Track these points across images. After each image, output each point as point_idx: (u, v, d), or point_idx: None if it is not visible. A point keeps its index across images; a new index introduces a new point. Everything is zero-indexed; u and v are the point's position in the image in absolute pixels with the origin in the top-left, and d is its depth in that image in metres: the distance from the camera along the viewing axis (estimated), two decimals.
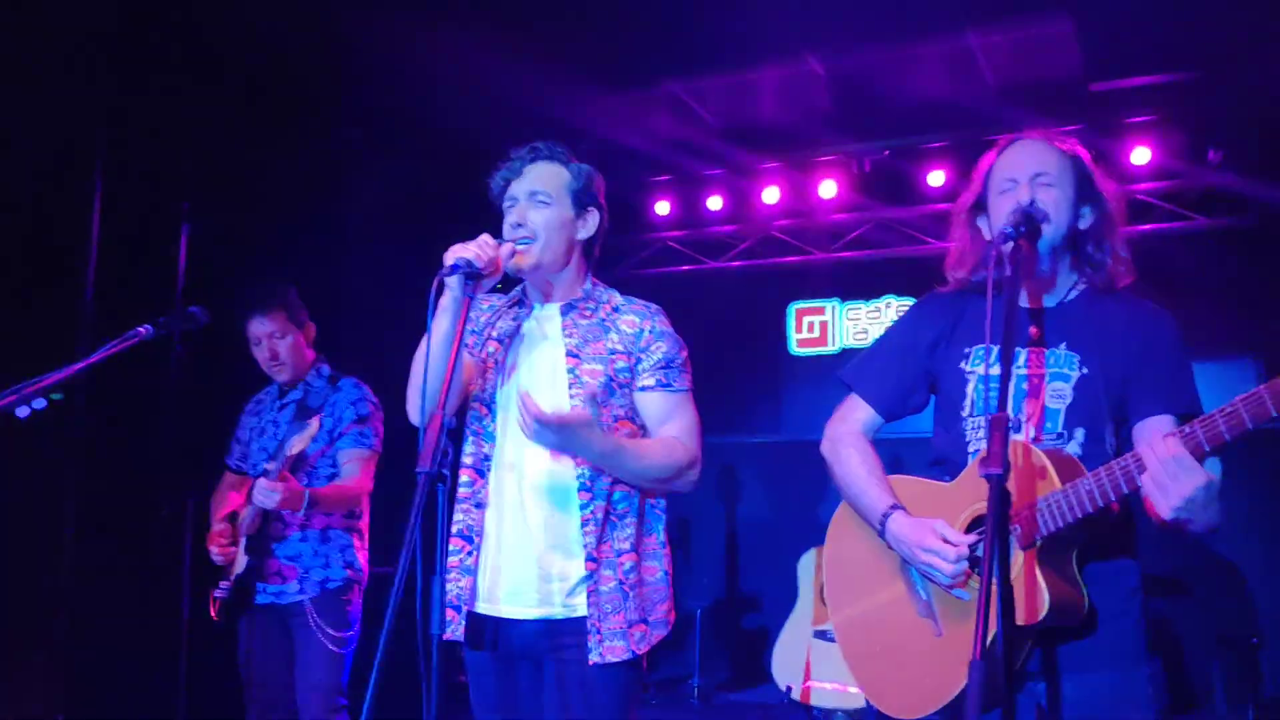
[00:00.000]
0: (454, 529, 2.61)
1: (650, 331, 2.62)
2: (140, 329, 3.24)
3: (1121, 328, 2.32)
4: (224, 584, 3.85)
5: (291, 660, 3.83)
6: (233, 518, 3.93)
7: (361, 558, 3.96)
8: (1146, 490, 1.97)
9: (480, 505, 2.59)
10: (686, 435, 2.62)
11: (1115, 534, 2.27)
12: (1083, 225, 2.38)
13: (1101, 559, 2.24)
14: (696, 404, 2.69)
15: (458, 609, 2.55)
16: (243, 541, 3.82)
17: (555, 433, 2.39)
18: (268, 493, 3.53)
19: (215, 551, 3.86)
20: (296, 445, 3.63)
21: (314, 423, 3.67)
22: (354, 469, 3.87)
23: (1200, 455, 1.94)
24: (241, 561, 3.81)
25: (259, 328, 3.93)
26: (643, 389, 2.62)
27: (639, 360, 2.61)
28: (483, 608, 2.57)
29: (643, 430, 2.65)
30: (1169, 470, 1.93)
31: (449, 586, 2.56)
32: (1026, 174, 2.36)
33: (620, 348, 2.60)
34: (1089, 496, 2.06)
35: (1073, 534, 2.12)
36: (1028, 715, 2.26)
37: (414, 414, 2.51)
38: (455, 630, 2.55)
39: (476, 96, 6.00)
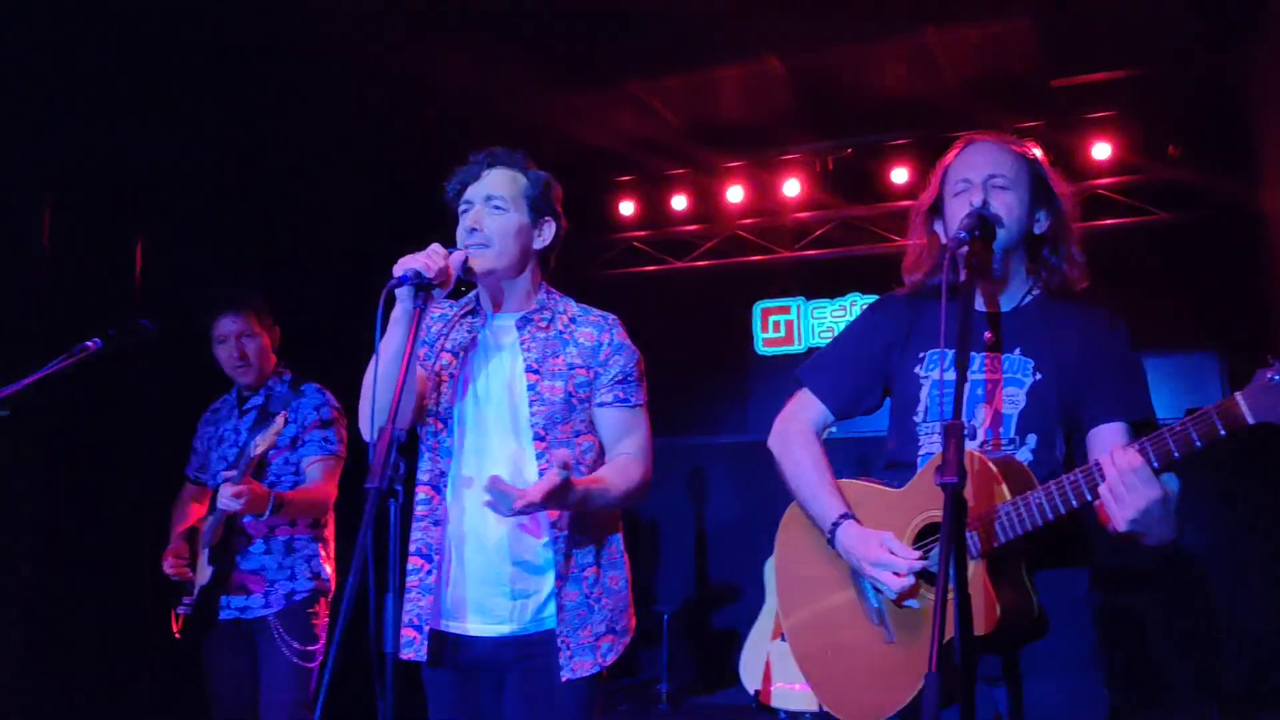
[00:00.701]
0: (412, 547, 2.57)
1: (609, 345, 2.60)
2: (88, 343, 3.17)
3: (1076, 334, 2.31)
4: (187, 600, 3.74)
5: (256, 676, 3.73)
6: (191, 533, 3.84)
7: (328, 567, 3.87)
8: (1104, 500, 1.95)
9: (438, 523, 2.55)
10: (640, 451, 2.62)
11: (1066, 541, 2.25)
12: (1038, 229, 2.36)
13: (1053, 566, 2.23)
14: (661, 406, 2.68)
15: (419, 629, 2.52)
16: (205, 553, 3.71)
17: (539, 508, 2.35)
18: (232, 496, 3.41)
19: (169, 568, 3.75)
20: (261, 445, 3.53)
21: (279, 420, 3.57)
22: (318, 474, 3.78)
23: (1155, 470, 1.92)
24: (205, 573, 3.71)
25: (228, 326, 3.83)
26: (600, 405, 2.60)
27: (598, 375, 2.58)
28: (446, 625, 2.54)
29: (600, 444, 2.64)
30: (1127, 481, 1.91)
31: (410, 606, 2.53)
32: (980, 175, 2.33)
33: (579, 361, 2.57)
34: (1039, 510, 2.05)
35: (1023, 544, 2.10)
36: (983, 714, 2.24)
37: (366, 431, 2.43)
38: (419, 650, 2.51)
39: (437, 98, 5.96)
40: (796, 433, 2.51)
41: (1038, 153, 2.42)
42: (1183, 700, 5.97)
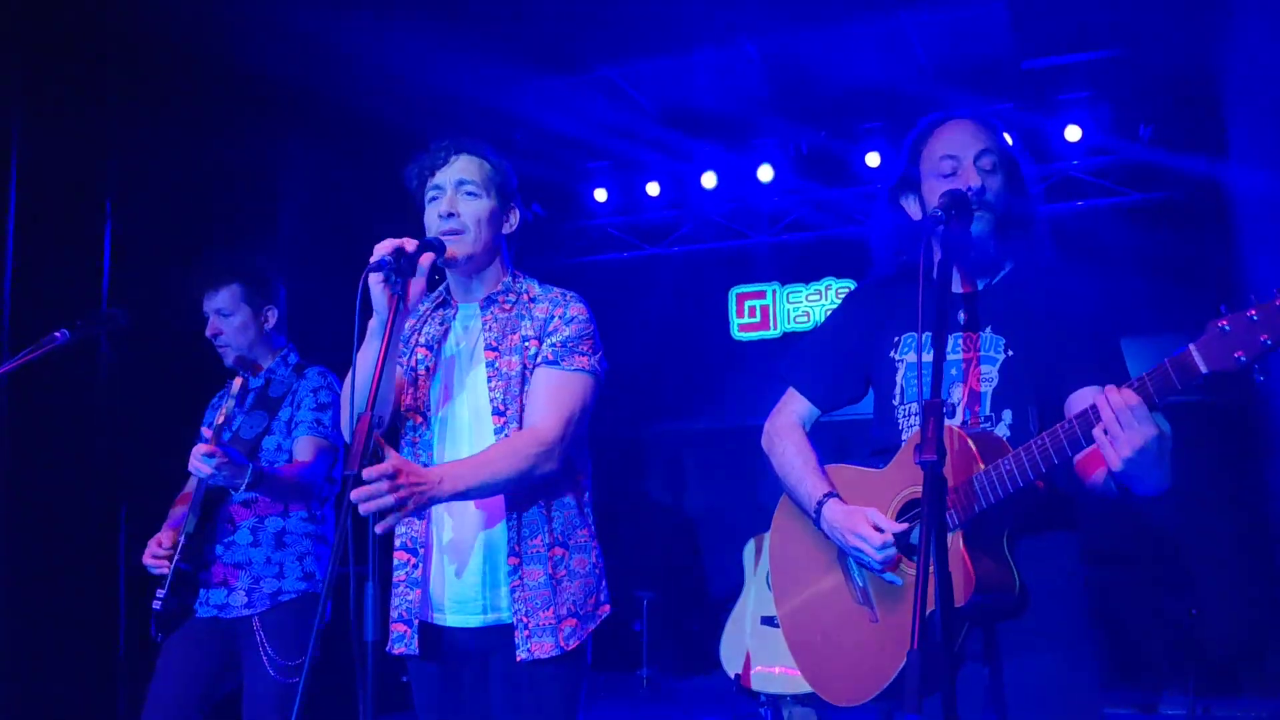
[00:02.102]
0: (397, 542, 2.57)
1: (560, 317, 2.58)
2: (56, 334, 3.11)
3: (1046, 307, 2.32)
4: (160, 593, 3.35)
5: (214, 685, 3.39)
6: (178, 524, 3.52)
7: (322, 567, 3.50)
8: (1100, 444, 1.94)
9: (422, 517, 2.54)
10: (549, 417, 2.48)
11: (1051, 513, 2.27)
12: (1014, 211, 2.37)
13: (1038, 538, 2.25)
14: (638, 393, 2.65)
15: (409, 623, 2.52)
16: (180, 540, 3.34)
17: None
18: (203, 458, 3.03)
19: (147, 558, 3.35)
20: (223, 415, 3.17)
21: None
22: (303, 451, 3.42)
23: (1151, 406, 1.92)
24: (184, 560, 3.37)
25: (207, 304, 3.55)
26: (535, 367, 2.54)
27: (542, 342, 2.56)
28: (432, 617, 2.54)
29: None
30: (1124, 419, 1.89)
31: (398, 601, 2.53)
32: (969, 152, 2.33)
33: (532, 333, 2.56)
34: (1009, 476, 2.06)
35: (1001, 514, 2.12)
36: (971, 699, 2.26)
37: (346, 432, 2.43)
38: (409, 644, 2.51)
39: (410, 84, 5.91)
40: (782, 427, 2.56)
41: (1008, 137, 2.42)
42: (1159, 676, 6.04)
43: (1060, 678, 2.21)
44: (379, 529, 2.14)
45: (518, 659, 2.45)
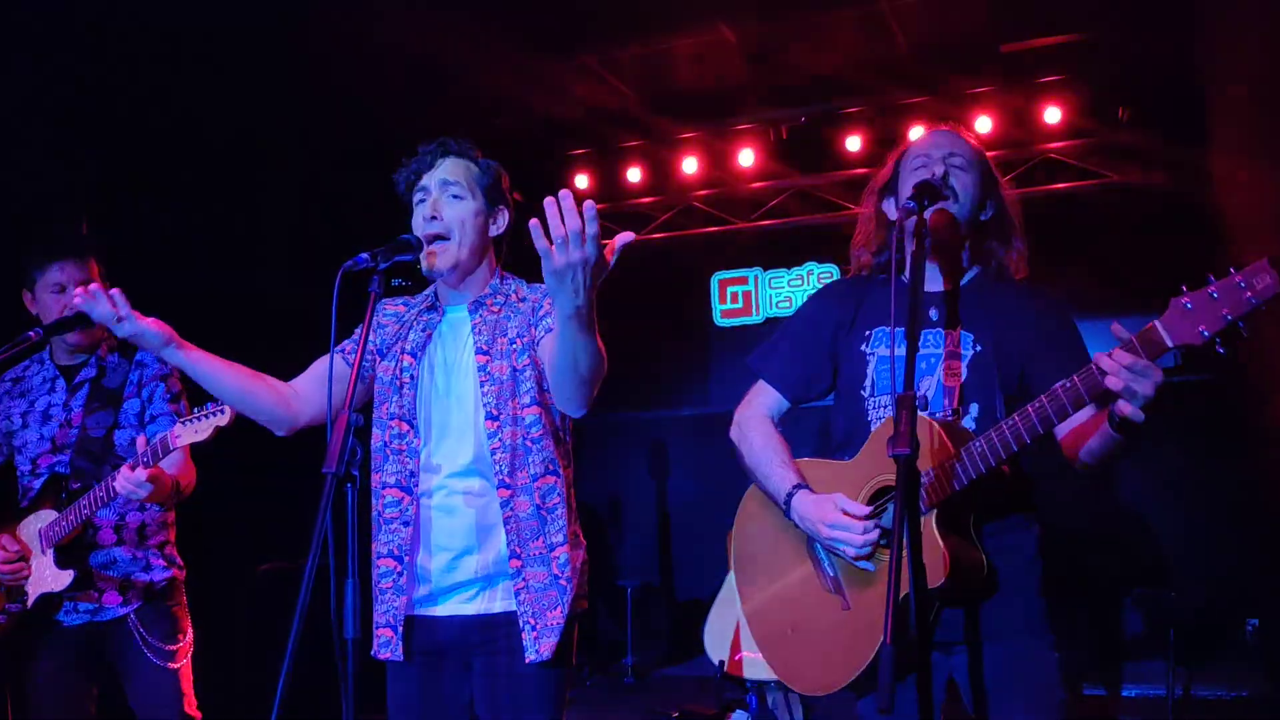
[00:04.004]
0: (383, 549, 2.56)
1: (547, 298, 2.56)
2: (30, 333, 3.08)
3: (1015, 308, 2.43)
4: (12, 606, 3.26)
5: (92, 689, 3.36)
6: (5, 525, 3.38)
7: (176, 551, 3.52)
8: (1120, 392, 2.00)
9: (409, 523, 2.54)
10: None
11: (1012, 500, 2.35)
12: (984, 216, 2.49)
13: (1001, 528, 2.32)
14: (621, 380, 2.64)
15: (394, 628, 2.52)
16: (50, 553, 3.24)
17: None
18: (139, 483, 2.97)
19: (3, 567, 3.25)
20: (186, 437, 2.99)
21: (212, 417, 2.96)
22: (180, 455, 3.30)
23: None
24: (61, 577, 3.22)
25: (70, 272, 3.34)
26: (540, 339, 2.53)
27: (534, 326, 2.55)
28: (414, 610, 2.55)
29: (551, 399, 2.55)
30: (1136, 368, 1.98)
31: (385, 608, 2.54)
32: (940, 152, 2.46)
33: (520, 330, 2.56)
34: (981, 456, 2.15)
35: (970, 496, 2.19)
36: (937, 686, 2.33)
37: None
38: (395, 650, 2.52)
39: (386, 70, 5.87)
40: (750, 418, 2.62)
41: (988, 153, 2.58)
42: (1136, 654, 6.09)
43: (1024, 665, 2.29)
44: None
45: (526, 660, 2.45)
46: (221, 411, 2.93)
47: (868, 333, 2.50)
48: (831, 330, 2.56)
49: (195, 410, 2.98)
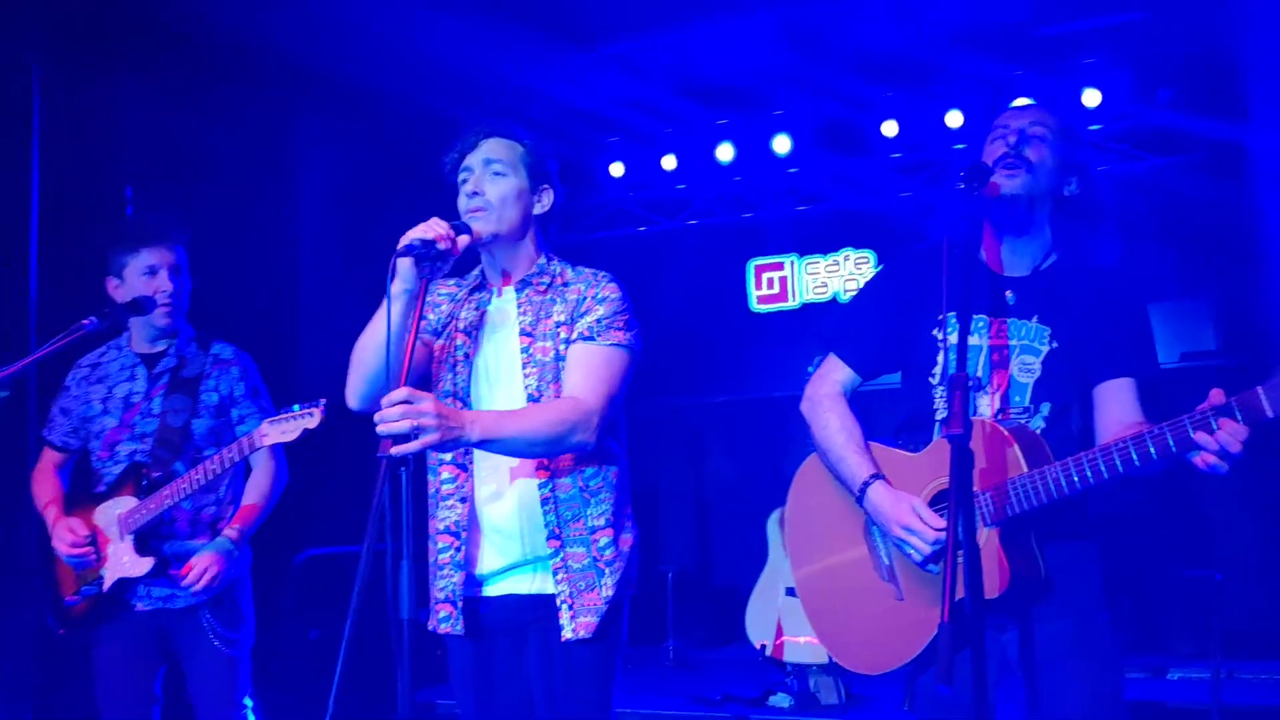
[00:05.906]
0: (440, 525, 2.59)
1: (592, 297, 2.58)
2: (85, 321, 3.14)
3: (1092, 298, 2.35)
4: (87, 590, 3.31)
5: (153, 674, 3.39)
6: (79, 509, 3.39)
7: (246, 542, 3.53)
8: (1208, 449, 2.01)
9: (465, 499, 2.57)
10: (588, 389, 2.49)
11: (1075, 514, 2.30)
12: (1067, 191, 2.40)
13: (1059, 532, 2.27)
14: (657, 368, 2.64)
15: (454, 603, 2.55)
16: (129, 539, 3.28)
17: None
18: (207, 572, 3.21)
19: (70, 549, 3.29)
20: (272, 437, 3.03)
21: (300, 419, 3.04)
22: (268, 456, 3.40)
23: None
24: (142, 564, 3.27)
25: (164, 255, 3.36)
26: (568, 343, 2.55)
27: (574, 322, 2.57)
28: (472, 591, 2.58)
29: None
30: (1240, 438, 2.00)
31: (444, 583, 2.56)
32: (1019, 122, 2.39)
33: (564, 318, 2.57)
34: (1055, 484, 2.11)
35: (1037, 516, 2.16)
36: (990, 662, 2.30)
37: (353, 399, 2.53)
38: (455, 624, 2.55)
39: (425, 61, 5.90)
40: (825, 395, 2.55)
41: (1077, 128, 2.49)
42: (1181, 643, 6.05)
43: (1079, 642, 2.26)
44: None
45: (562, 639, 2.48)
46: (310, 414, 2.97)
47: (941, 317, 2.41)
48: (904, 307, 2.49)
49: (283, 411, 3.02)
